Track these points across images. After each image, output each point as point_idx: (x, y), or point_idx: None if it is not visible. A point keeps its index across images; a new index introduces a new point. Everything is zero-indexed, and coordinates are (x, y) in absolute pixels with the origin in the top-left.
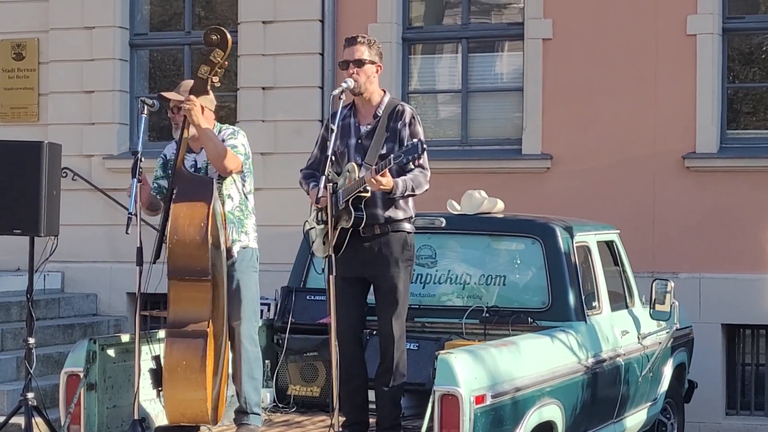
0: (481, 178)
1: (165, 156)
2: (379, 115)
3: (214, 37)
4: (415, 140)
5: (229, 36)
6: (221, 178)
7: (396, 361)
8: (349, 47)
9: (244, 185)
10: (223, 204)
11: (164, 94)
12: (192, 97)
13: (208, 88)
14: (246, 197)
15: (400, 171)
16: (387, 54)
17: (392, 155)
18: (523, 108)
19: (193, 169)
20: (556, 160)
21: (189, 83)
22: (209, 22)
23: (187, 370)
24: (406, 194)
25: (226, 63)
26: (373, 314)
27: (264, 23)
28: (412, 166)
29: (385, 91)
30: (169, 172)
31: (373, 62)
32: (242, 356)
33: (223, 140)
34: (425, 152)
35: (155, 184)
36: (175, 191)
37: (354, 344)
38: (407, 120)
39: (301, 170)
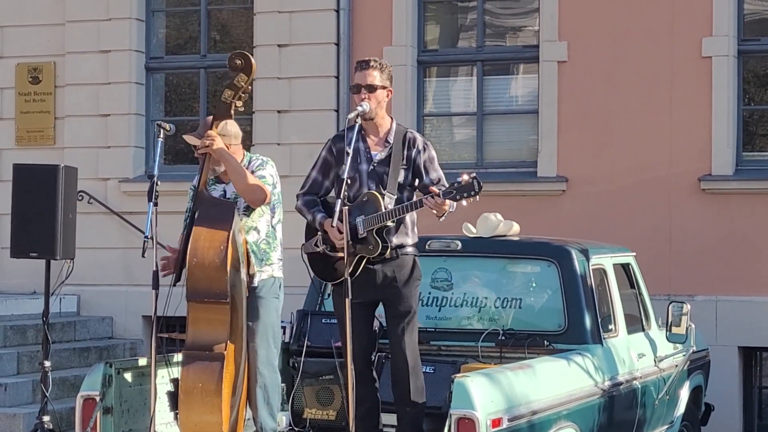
0: (497, 201)
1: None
2: (391, 142)
3: (239, 62)
4: (467, 177)
5: (253, 61)
6: (250, 210)
7: (414, 381)
8: (361, 71)
9: (272, 216)
10: (247, 235)
11: (186, 137)
12: (211, 133)
13: (232, 112)
14: (274, 228)
15: (411, 195)
16: (402, 77)
17: (443, 191)
18: (538, 130)
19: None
20: (572, 182)
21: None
22: (225, 45)
23: (203, 393)
24: (449, 212)
25: (250, 88)
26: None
27: (279, 46)
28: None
29: (392, 117)
30: None
31: (384, 87)
32: (259, 382)
33: (252, 172)
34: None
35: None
36: (196, 214)
37: (365, 367)
38: (420, 147)
39: (298, 194)
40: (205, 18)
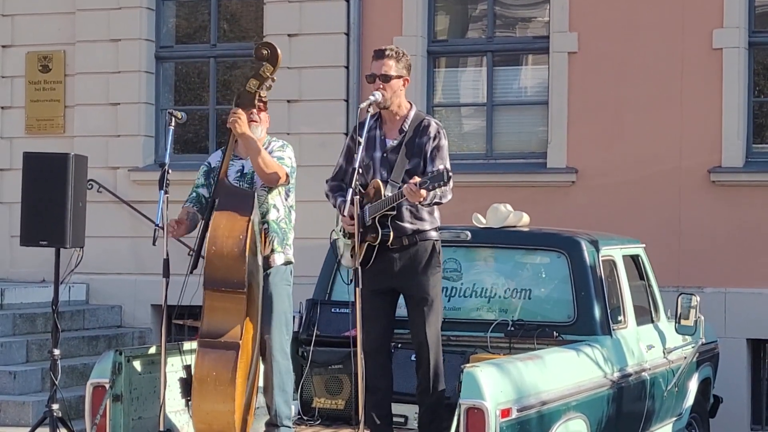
0: (507, 192)
1: (209, 164)
2: (405, 129)
3: (265, 52)
4: (440, 167)
5: (279, 51)
6: (268, 189)
7: (435, 369)
8: (377, 60)
9: (287, 198)
10: (267, 212)
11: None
12: (237, 110)
13: (255, 101)
14: (289, 211)
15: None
16: (412, 67)
17: (419, 181)
18: (548, 122)
19: (239, 174)
20: (582, 173)
21: None
22: (234, 35)
23: (216, 382)
24: (433, 202)
25: (275, 78)
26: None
27: (289, 36)
28: (438, 193)
29: (411, 104)
30: (212, 181)
31: (400, 76)
32: (273, 369)
33: (271, 152)
34: (450, 179)
35: (194, 193)
36: (216, 202)
37: (380, 356)
38: (432, 134)
39: (327, 181)
40: (215, 7)
